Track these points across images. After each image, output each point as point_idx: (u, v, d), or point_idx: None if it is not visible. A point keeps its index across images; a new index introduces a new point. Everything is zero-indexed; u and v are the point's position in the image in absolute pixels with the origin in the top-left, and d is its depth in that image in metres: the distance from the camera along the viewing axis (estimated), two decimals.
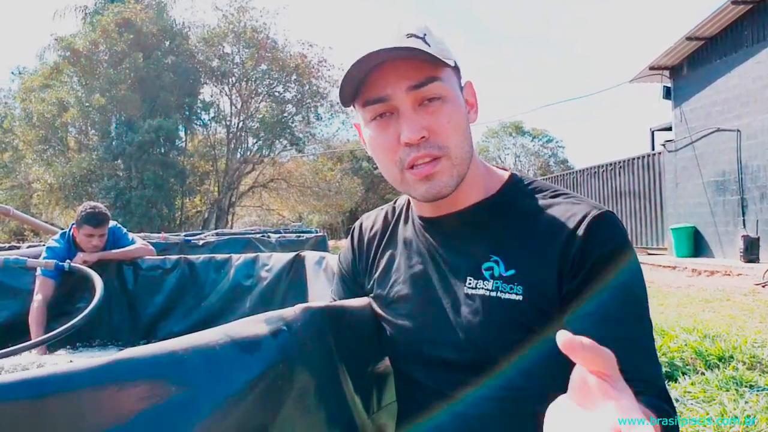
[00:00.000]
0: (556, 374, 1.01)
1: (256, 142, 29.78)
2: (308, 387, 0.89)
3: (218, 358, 0.79)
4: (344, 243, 1.36)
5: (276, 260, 3.52)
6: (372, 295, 1.26)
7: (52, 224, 28.11)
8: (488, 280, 1.05)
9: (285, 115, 29.19)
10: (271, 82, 28.82)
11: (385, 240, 1.27)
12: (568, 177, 20.97)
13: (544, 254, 1.02)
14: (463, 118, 1.07)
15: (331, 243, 20.92)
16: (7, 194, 27.92)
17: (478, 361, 1.05)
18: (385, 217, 1.31)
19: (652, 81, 14.58)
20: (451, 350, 1.08)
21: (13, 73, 30.71)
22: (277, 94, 29.13)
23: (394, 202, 1.34)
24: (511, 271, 1.04)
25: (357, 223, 1.38)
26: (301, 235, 7.56)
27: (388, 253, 1.25)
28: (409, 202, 1.27)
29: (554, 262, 1.01)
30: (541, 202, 1.09)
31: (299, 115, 29.75)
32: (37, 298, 3.68)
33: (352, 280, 1.34)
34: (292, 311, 0.93)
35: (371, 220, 1.34)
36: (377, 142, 1.08)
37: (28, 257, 3.77)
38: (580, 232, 1.01)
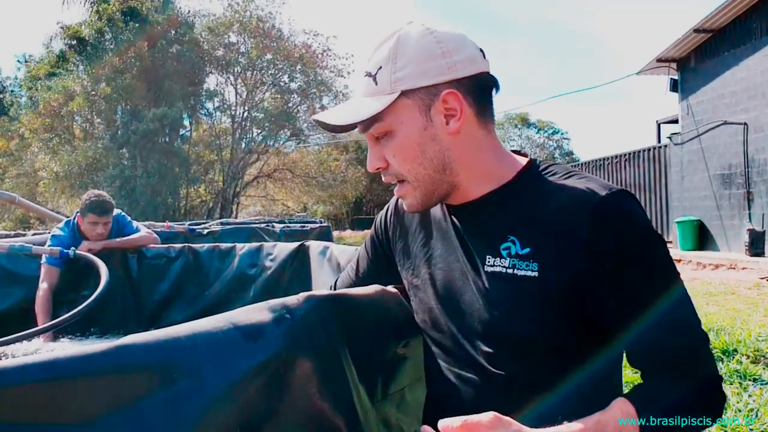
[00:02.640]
0: (566, 350, 1.12)
1: (261, 133, 29.76)
2: (310, 375, 0.89)
3: (221, 345, 0.80)
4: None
5: (280, 250, 3.52)
6: (402, 266, 1.38)
7: (57, 212, 28.19)
8: (505, 258, 1.13)
9: (289, 105, 29.17)
10: (276, 71, 28.77)
11: (422, 221, 1.36)
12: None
13: (559, 233, 1.08)
14: (413, 145, 1.16)
15: (335, 233, 20.95)
16: (13, 182, 27.98)
17: (498, 335, 1.14)
18: None
19: (659, 73, 14.51)
20: (474, 322, 1.17)
21: (19, 61, 30.79)
22: (281, 84, 29.08)
23: None
24: (527, 250, 1.11)
25: (392, 201, 1.49)
26: (306, 225, 7.55)
27: (423, 231, 1.34)
28: None
29: (568, 240, 1.07)
30: (554, 183, 1.15)
31: (304, 105, 29.70)
32: (43, 286, 3.69)
33: (380, 252, 1.48)
34: (295, 299, 0.93)
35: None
36: None
37: (33, 244, 3.78)
38: (592, 209, 1.06)
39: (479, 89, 1.18)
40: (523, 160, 1.24)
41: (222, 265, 3.70)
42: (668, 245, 10.27)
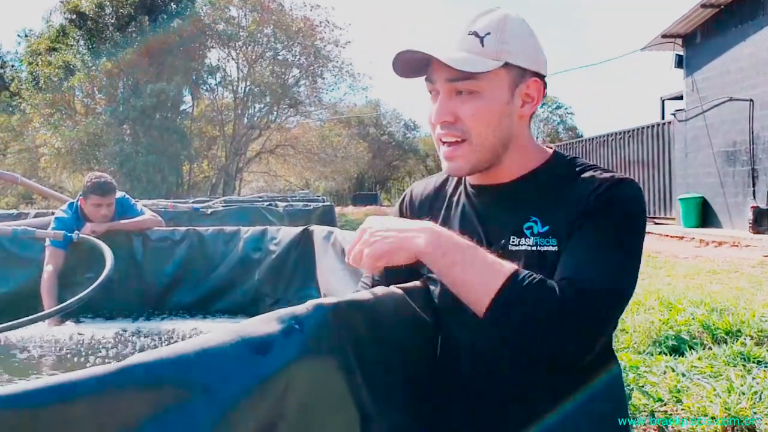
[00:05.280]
0: None
1: (263, 108, 29.64)
2: (320, 387, 0.88)
3: (230, 360, 0.78)
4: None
5: (284, 234, 3.51)
6: None
7: (60, 188, 28.26)
8: (529, 237, 1.22)
9: (290, 78, 29.00)
10: (276, 45, 28.56)
11: (437, 205, 1.42)
12: (577, 145, 20.84)
13: (570, 211, 1.19)
14: (493, 113, 1.23)
15: (337, 209, 20.96)
16: (15, 158, 27.97)
17: None
18: (436, 184, 1.47)
19: (664, 49, 14.37)
20: None
21: (19, 35, 30.55)
22: (281, 57, 28.88)
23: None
24: (547, 227, 1.21)
25: (407, 191, 1.54)
26: (309, 204, 7.55)
27: (442, 214, 1.39)
28: None
29: (574, 215, 1.18)
30: (574, 171, 1.25)
31: (306, 79, 29.54)
32: (48, 269, 3.69)
33: None
34: (304, 308, 0.92)
35: (421, 188, 1.50)
36: (428, 113, 1.29)
37: (37, 227, 3.78)
38: (595, 188, 1.18)
39: (544, 89, 1.30)
40: (549, 151, 1.34)
41: (227, 249, 3.70)
42: (671, 222, 10.25)
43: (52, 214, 5.00)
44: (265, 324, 0.86)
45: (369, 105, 40.54)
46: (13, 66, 30.35)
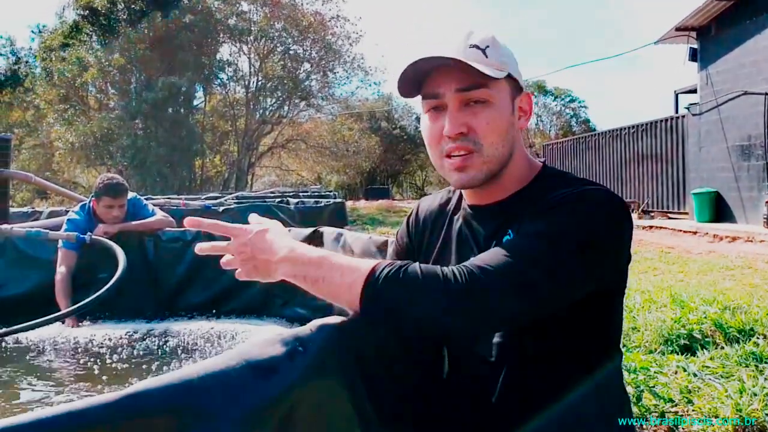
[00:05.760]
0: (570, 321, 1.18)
1: (274, 102, 29.69)
2: (324, 407, 0.89)
3: (234, 385, 0.79)
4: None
5: (294, 234, 3.51)
6: None
7: (74, 183, 28.43)
8: None
9: (301, 73, 29.02)
10: (287, 39, 28.57)
11: (439, 223, 1.43)
12: (590, 139, 20.73)
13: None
14: (504, 123, 1.24)
15: (349, 204, 20.96)
16: (29, 153, 28.19)
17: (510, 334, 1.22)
18: (441, 201, 1.48)
19: (678, 42, 14.25)
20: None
21: (33, 31, 30.67)
22: (292, 52, 28.89)
23: (450, 188, 1.48)
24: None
25: (416, 205, 1.55)
26: (320, 201, 7.56)
27: (442, 237, 1.40)
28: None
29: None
30: (555, 185, 1.23)
31: (317, 74, 29.54)
32: (61, 270, 3.73)
33: (406, 256, 1.49)
34: (307, 329, 0.93)
35: (428, 203, 1.51)
36: (428, 130, 1.28)
37: (50, 228, 3.82)
38: (557, 196, 1.17)
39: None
40: (538, 165, 1.34)
41: None
42: (684, 217, 10.15)
43: (66, 212, 5.05)
44: (269, 347, 0.87)
45: (381, 99, 40.51)
46: (27, 62, 30.54)
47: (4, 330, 3.13)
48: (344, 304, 1.09)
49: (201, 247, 1.33)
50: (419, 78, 1.25)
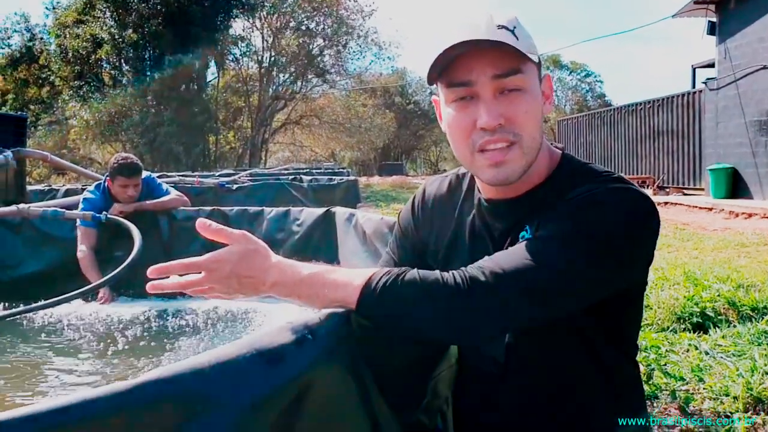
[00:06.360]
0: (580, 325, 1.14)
1: (288, 78, 29.59)
2: (332, 395, 0.91)
3: (244, 373, 0.81)
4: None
5: (307, 215, 3.55)
6: (430, 257, 1.35)
7: (90, 159, 28.57)
8: None
9: (314, 48, 28.87)
10: (300, 14, 28.39)
11: (449, 211, 1.34)
12: (605, 115, 20.51)
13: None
14: (538, 110, 1.15)
15: (362, 180, 20.94)
16: (45, 130, 28.32)
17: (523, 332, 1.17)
18: (450, 186, 1.38)
19: (696, 15, 13.99)
20: None
21: (47, 8, 30.60)
22: (304, 27, 28.72)
23: (458, 173, 1.39)
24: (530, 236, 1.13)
25: (421, 188, 1.44)
26: (333, 178, 7.58)
27: (453, 228, 1.31)
28: (473, 178, 1.31)
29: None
30: (577, 180, 1.16)
31: (330, 49, 29.38)
32: (82, 248, 3.80)
33: (410, 243, 1.42)
34: (316, 318, 0.94)
35: (435, 187, 1.40)
36: (455, 122, 1.15)
37: (66, 207, 3.87)
38: (580, 194, 1.11)
39: None
40: (558, 154, 1.25)
41: (251, 229, 3.72)
42: (700, 193, 10.05)
43: (82, 189, 5.10)
44: (278, 335, 0.88)
45: (395, 74, 40.24)
46: (41, 38, 30.54)
47: (29, 306, 3.20)
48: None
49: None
50: (442, 64, 1.12)
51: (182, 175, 8.98)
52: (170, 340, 3.00)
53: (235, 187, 6.28)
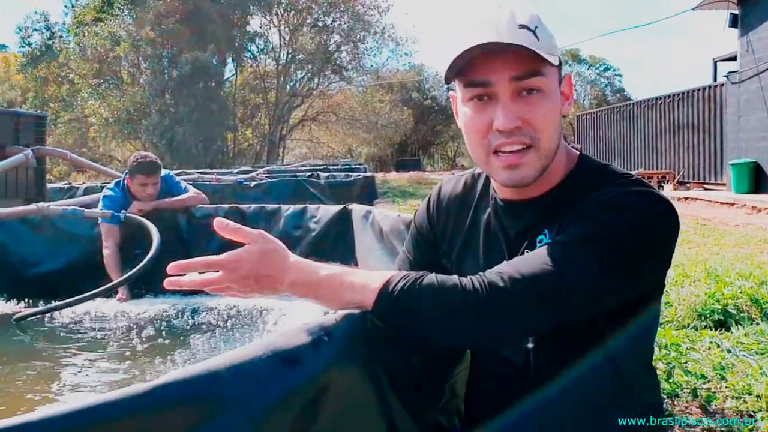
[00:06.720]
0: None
1: (305, 74, 29.69)
2: (348, 396, 0.91)
3: (260, 374, 0.81)
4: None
5: (324, 212, 3.56)
6: (445, 256, 1.35)
7: (110, 157, 28.83)
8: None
9: (331, 44, 28.91)
10: (317, 10, 28.45)
11: (464, 210, 1.33)
12: (625, 109, 20.35)
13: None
14: (557, 112, 1.14)
15: (379, 175, 20.95)
16: (66, 127, 28.60)
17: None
18: (465, 186, 1.36)
19: (718, 8, 13.81)
20: None
21: (66, 6, 30.94)
22: (320, 24, 28.76)
23: (474, 172, 1.38)
24: (549, 240, 1.12)
25: (436, 188, 1.43)
26: (350, 174, 7.60)
27: (467, 228, 1.31)
28: (489, 178, 1.30)
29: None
30: (596, 183, 1.14)
31: (347, 45, 29.41)
32: (108, 245, 3.84)
33: (426, 243, 1.41)
34: (332, 319, 0.94)
35: (450, 187, 1.39)
36: (471, 122, 1.15)
37: (84, 205, 3.91)
38: (599, 196, 1.09)
39: None
40: (575, 155, 1.24)
41: (268, 226, 3.75)
42: (722, 188, 9.94)
43: (101, 187, 5.15)
44: (294, 336, 0.88)
45: (412, 70, 40.19)
46: (61, 36, 30.84)
47: (55, 305, 3.25)
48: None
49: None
50: (461, 62, 1.11)
51: (201, 173, 9.05)
52: (188, 338, 3.01)
53: (252, 184, 6.31)
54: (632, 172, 1.21)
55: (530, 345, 1.16)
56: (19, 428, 0.63)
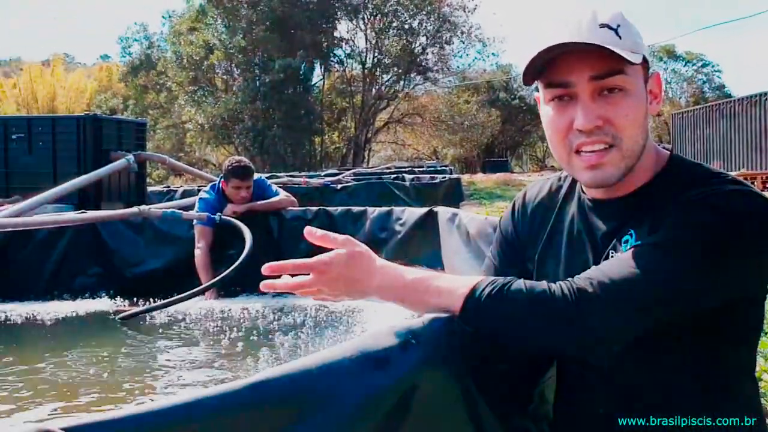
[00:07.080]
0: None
1: (390, 77, 29.88)
2: (435, 398, 0.92)
3: (350, 374, 0.83)
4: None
5: (409, 214, 3.58)
6: (528, 260, 1.33)
7: (205, 161, 29.97)
8: (623, 252, 1.09)
9: (417, 47, 28.97)
10: (403, 13, 28.58)
11: (549, 212, 1.31)
12: (725, 106, 19.40)
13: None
14: (641, 112, 1.12)
15: (466, 177, 20.77)
16: (163, 133, 29.96)
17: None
18: (550, 189, 1.35)
19: None
20: None
21: (163, 17, 32.40)
22: (406, 27, 28.86)
23: (560, 175, 1.37)
24: (639, 242, 1.07)
25: (521, 193, 1.42)
26: (435, 176, 7.59)
27: (551, 228, 1.29)
28: (574, 179, 1.28)
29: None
30: (688, 181, 1.10)
31: (434, 47, 29.40)
32: (200, 246, 4.02)
33: (511, 248, 1.40)
34: (420, 322, 0.95)
35: (536, 191, 1.38)
36: (552, 122, 1.15)
37: (181, 207, 4.09)
38: (693, 196, 1.05)
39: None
40: (665, 155, 1.20)
41: (355, 228, 3.82)
42: None
43: (198, 190, 5.39)
44: (383, 338, 0.90)
45: (500, 69, 39.69)
46: (158, 46, 32.30)
47: (155, 304, 3.43)
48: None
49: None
50: (541, 63, 1.11)
51: (290, 176, 9.28)
52: (278, 338, 3.10)
53: (339, 186, 6.43)
54: (731, 173, 1.15)
55: (619, 351, 1.13)
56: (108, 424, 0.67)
